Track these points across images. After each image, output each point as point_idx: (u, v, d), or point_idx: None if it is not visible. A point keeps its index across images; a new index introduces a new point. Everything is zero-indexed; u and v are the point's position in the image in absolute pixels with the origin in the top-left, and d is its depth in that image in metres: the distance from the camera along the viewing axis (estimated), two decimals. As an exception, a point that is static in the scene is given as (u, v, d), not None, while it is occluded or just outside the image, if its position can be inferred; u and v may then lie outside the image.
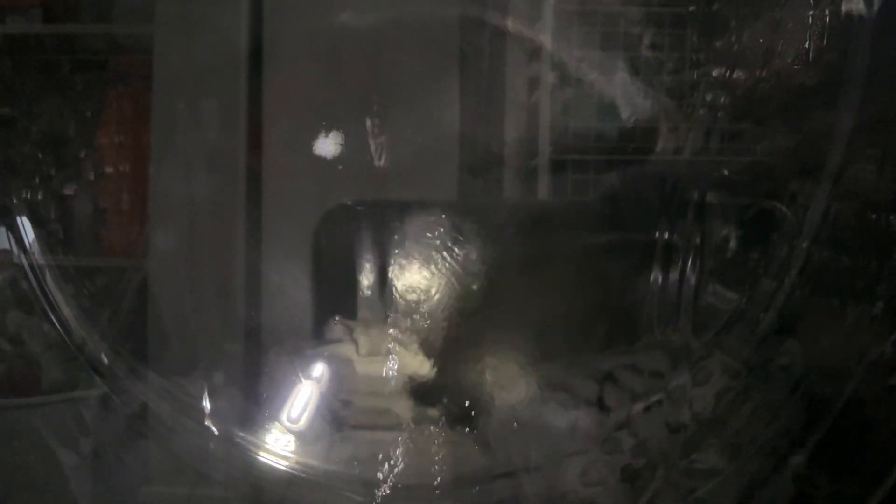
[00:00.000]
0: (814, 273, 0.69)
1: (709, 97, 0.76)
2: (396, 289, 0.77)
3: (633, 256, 0.77)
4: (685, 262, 0.76)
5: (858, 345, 0.62)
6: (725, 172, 0.75)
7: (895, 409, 0.60)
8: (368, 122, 0.77)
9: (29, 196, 0.80)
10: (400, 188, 0.78)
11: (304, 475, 0.76)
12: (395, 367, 0.76)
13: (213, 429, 0.76)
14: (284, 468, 0.77)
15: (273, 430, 0.77)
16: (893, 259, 0.61)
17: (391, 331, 0.77)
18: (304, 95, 0.79)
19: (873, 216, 0.65)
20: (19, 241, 0.77)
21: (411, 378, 0.76)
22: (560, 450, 0.75)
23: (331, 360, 0.78)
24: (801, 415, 0.65)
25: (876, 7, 0.64)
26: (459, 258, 0.76)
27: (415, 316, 0.77)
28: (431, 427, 0.76)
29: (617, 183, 0.78)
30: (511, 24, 0.79)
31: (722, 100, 0.75)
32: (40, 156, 0.83)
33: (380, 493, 0.74)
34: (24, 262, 0.77)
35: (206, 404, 0.76)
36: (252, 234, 0.80)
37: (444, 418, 0.76)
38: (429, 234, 0.77)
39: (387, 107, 0.77)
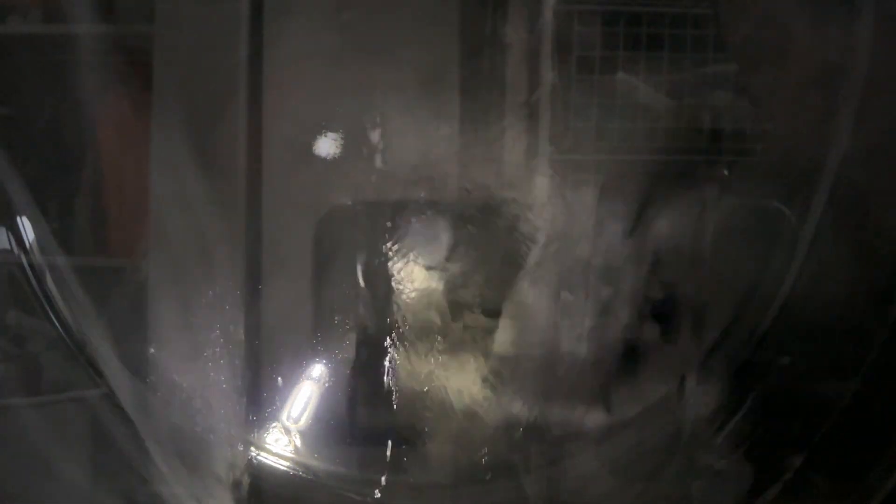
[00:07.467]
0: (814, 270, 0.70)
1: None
2: (396, 288, 0.77)
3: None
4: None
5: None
6: (725, 172, 0.75)
7: (895, 408, 0.60)
8: (368, 123, 0.77)
9: (29, 196, 0.80)
10: (400, 188, 0.78)
11: (304, 475, 0.76)
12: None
13: (213, 428, 0.76)
14: (284, 468, 0.77)
15: (273, 430, 0.77)
16: None
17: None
18: (304, 95, 0.79)
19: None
20: (19, 241, 0.77)
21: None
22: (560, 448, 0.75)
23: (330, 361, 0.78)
24: (801, 415, 0.65)
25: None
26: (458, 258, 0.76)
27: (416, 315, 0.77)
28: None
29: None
30: (511, 23, 0.79)
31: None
32: (40, 155, 0.83)
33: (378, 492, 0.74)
34: (24, 262, 0.77)
35: (206, 403, 0.76)
36: (252, 234, 0.80)
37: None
38: (429, 234, 0.77)
39: (387, 107, 0.77)
